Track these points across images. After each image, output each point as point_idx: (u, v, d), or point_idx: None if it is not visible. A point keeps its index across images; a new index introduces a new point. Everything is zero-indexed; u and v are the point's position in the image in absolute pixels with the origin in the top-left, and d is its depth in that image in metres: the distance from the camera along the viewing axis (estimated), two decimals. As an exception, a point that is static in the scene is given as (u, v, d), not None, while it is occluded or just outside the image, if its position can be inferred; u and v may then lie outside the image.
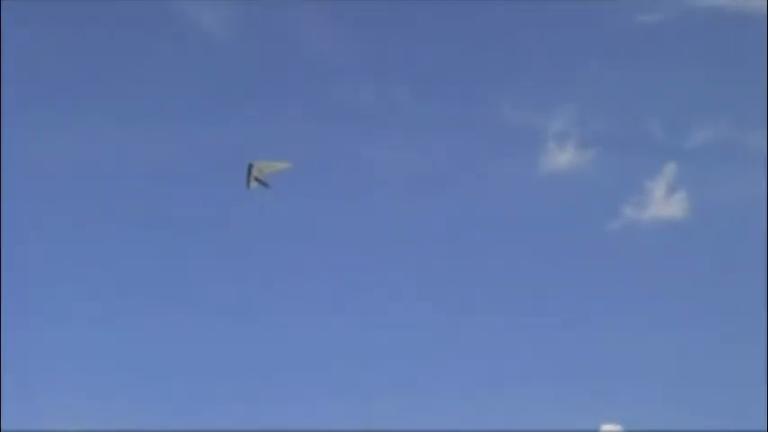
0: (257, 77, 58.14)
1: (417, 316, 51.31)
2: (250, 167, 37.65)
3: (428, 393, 48.10)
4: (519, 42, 58.43)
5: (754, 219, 50.69)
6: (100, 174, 54.94)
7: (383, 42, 58.62)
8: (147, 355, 50.07)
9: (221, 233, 54.00)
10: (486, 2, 57.95)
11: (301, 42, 58.08)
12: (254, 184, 38.01)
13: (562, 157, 55.84)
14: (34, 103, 55.35)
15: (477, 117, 56.82)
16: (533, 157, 56.02)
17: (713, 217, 53.33)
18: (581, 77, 57.61)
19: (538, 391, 47.38)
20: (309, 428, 45.49)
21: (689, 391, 46.99)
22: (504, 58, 58.09)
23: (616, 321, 49.99)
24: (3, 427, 43.74)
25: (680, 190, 54.50)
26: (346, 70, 57.79)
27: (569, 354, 49.23)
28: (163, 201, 54.62)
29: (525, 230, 54.25)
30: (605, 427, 42.23)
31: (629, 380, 47.23)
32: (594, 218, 54.07)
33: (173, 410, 47.33)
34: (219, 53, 58.02)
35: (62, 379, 48.51)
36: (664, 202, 54.52)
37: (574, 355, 49.15)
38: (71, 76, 57.27)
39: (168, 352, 50.28)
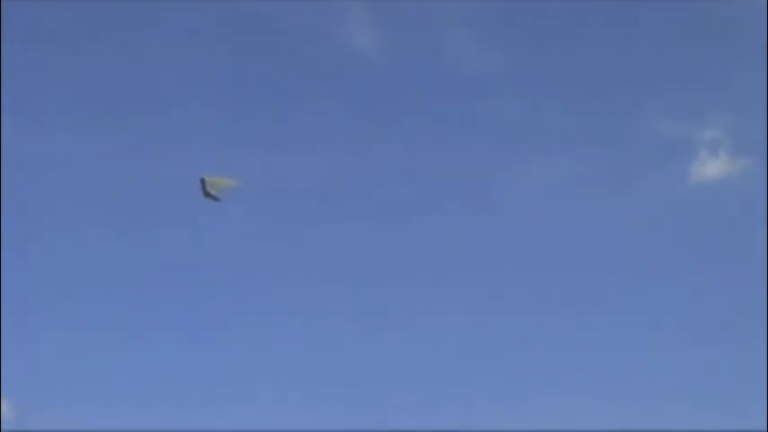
0: (409, 97, 59.07)
1: (569, 326, 51.44)
2: (203, 182, 38.69)
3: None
4: (670, 49, 57.61)
5: None
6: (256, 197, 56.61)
7: (531, 56, 58.62)
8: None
9: (361, 252, 54.85)
10: (633, 10, 57.48)
11: (453, 60, 58.68)
12: (208, 198, 38.98)
13: (714, 167, 54.86)
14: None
15: (627, 128, 56.47)
16: (684, 167, 55.21)
17: None
18: (736, 84, 56.26)
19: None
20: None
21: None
22: (654, 65, 57.34)
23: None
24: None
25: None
26: (494, 85, 58.27)
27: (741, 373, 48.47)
28: (305, 220, 55.81)
29: (676, 241, 53.60)
30: None
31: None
32: (748, 229, 52.75)
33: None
34: (373, 76, 59.29)
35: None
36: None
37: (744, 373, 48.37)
38: (231, 108, 58.17)
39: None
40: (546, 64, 58.26)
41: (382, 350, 51.23)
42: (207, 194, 38.68)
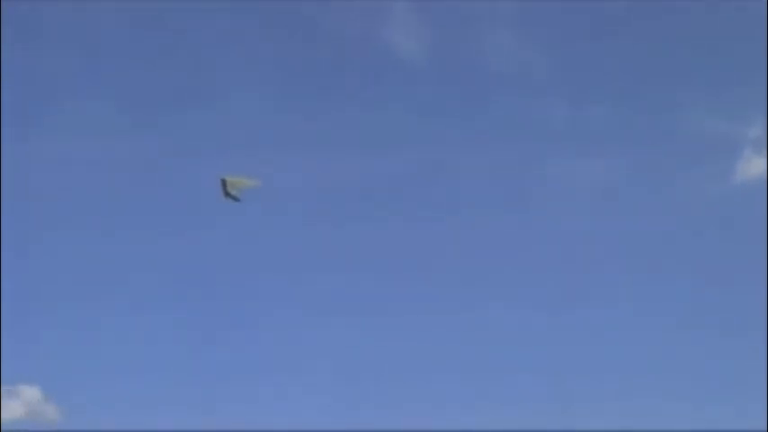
0: (451, 97, 59.16)
1: (605, 326, 51.65)
2: (224, 182, 38.81)
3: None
4: (714, 47, 57.47)
5: None
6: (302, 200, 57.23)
7: (573, 56, 58.66)
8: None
9: (420, 253, 55.15)
10: (677, 9, 57.25)
11: (496, 62, 58.74)
12: (228, 198, 39.09)
13: (759, 165, 54.48)
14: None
15: (670, 126, 56.44)
16: (728, 165, 54.95)
17: None
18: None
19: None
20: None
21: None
22: (698, 64, 57.26)
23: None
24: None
25: None
26: (537, 85, 58.30)
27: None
28: (352, 224, 56.23)
29: (720, 240, 53.30)
30: None
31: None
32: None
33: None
34: (416, 76, 59.43)
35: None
36: None
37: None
38: (275, 108, 58.70)
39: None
40: (588, 63, 58.49)
41: (416, 347, 51.45)
42: (227, 194, 38.91)
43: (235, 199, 38.82)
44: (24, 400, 49.78)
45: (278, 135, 56.76)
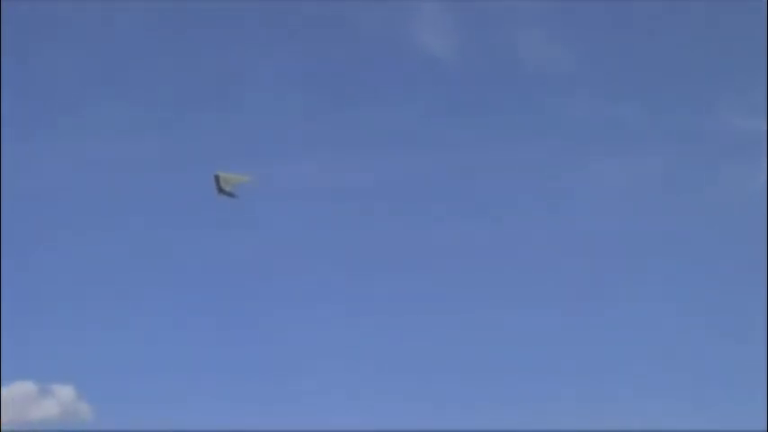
0: (482, 96, 59.18)
1: (646, 321, 51.65)
2: (217, 178, 38.80)
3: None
4: (745, 46, 57.19)
5: None
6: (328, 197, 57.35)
7: (604, 55, 58.72)
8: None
9: (450, 253, 55.31)
10: (708, 7, 57.13)
11: (525, 60, 58.80)
12: (222, 195, 39.07)
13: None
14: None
15: (701, 125, 56.47)
16: (760, 163, 54.62)
17: None
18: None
19: None
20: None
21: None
22: (729, 62, 57.09)
23: None
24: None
25: None
26: (570, 84, 58.27)
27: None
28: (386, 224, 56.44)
29: (752, 238, 52.97)
30: None
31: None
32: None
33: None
34: (445, 75, 59.51)
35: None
36: None
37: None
38: (304, 107, 58.76)
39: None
40: (619, 62, 58.43)
41: (438, 347, 51.81)
42: (221, 191, 38.96)
43: (230, 195, 38.87)
44: (59, 399, 50.33)
45: (307, 135, 57.28)
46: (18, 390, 49.54)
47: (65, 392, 50.17)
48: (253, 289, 54.18)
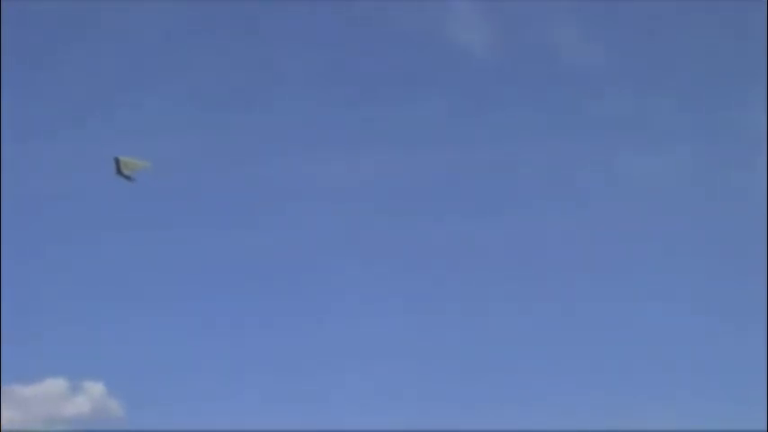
0: (515, 92, 59.16)
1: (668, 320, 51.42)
2: (117, 161, 38.82)
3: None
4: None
5: None
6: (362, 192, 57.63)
7: (636, 51, 58.73)
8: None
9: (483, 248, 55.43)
10: (739, 4, 56.50)
11: (557, 56, 58.68)
12: (120, 176, 39.05)
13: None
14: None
15: (733, 121, 56.30)
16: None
17: None
18: None
19: None
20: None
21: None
22: (760, 59, 56.16)
23: None
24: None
25: None
26: (600, 80, 58.02)
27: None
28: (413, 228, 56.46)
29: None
30: None
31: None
32: None
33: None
34: (479, 72, 59.52)
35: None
36: None
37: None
38: (339, 104, 59.67)
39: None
40: (651, 59, 58.25)
41: (489, 340, 52.46)
42: (120, 173, 39.12)
43: (128, 178, 39.06)
44: (89, 395, 51.04)
45: (340, 132, 57.58)
46: (49, 387, 50.47)
47: (96, 389, 50.96)
48: (287, 287, 54.71)
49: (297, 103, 57.87)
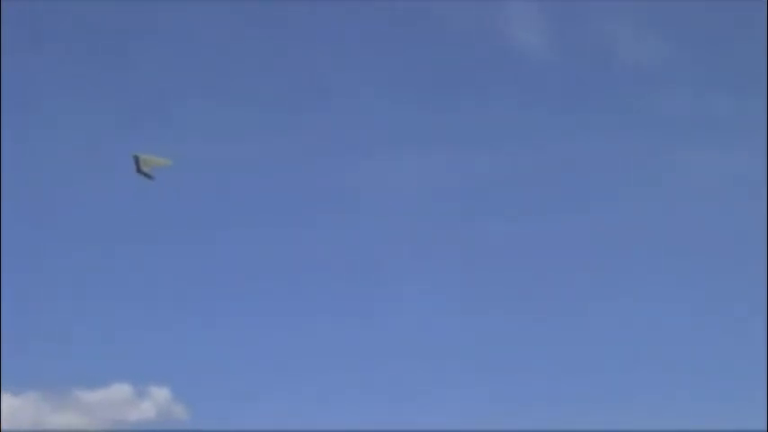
0: (574, 91, 58.98)
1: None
2: (136, 159, 38.61)
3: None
4: None
5: None
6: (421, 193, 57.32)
7: (696, 48, 58.79)
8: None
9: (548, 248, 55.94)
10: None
11: (617, 54, 58.54)
12: (140, 175, 38.86)
13: None
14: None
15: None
16: None
17: None
18: None
19: None
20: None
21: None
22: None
23: None
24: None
25: None
26: (660, 77, 57.73)
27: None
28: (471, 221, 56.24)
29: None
30: None
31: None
32: None
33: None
34: (537, 71, 59.37)
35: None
36: None
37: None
38: (397, 104, 59.79)
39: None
40: (711, 55, 58.03)
41: (547, 343, 53.11)
42: (139, 171, 38.99)
43: (147, 176, 38.95)
44: (155, 401, 51.30)
45: (402, 132, 58.13)
46: (115, 392, 50.72)
47: (161, 394, 51.21)
48: (353, 287, 54.93)
49: (358, 104, 58.44)
